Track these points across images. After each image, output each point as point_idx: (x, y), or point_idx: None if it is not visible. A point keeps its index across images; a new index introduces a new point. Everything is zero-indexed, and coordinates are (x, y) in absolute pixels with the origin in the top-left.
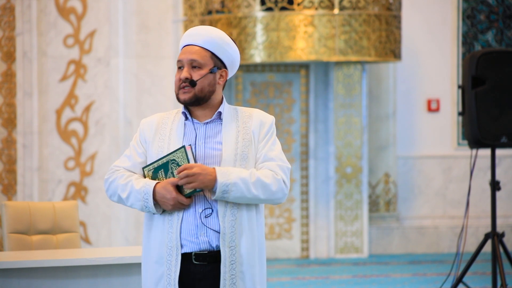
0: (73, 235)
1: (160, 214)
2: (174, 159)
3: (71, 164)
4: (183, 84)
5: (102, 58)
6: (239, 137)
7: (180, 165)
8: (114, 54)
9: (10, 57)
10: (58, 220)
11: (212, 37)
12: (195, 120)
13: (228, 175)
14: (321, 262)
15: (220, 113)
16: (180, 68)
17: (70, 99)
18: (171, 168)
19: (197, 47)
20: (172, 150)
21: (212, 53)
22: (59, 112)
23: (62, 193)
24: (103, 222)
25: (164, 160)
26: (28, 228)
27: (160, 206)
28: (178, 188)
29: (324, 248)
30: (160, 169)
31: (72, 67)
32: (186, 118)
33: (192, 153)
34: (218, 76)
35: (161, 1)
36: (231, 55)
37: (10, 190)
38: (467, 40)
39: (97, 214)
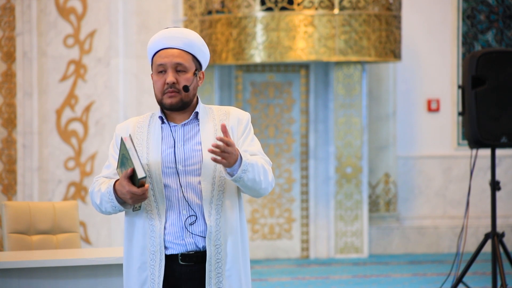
0: (73, 235)
1: (133, 210)
2: (123, 154)
3: (71, 164)
4: (169, 89)
5: (102, 58)
6: (218, 135)
7: (128, 158)
8: (114, 54)
9: (10, 57)
10: (58, 220)
11: (192, 40)
12: (171, 123)
13: (246, 155)
14: (321, 262)
15: (197, 113)
16: (161, 72)
17: (70, 99)
18: (125, 163)
19: (178, 50)
20: (119, 147)
21: (193, 56)
22: (59, 112)
23: (62, 193)
24: (103, 222)
25: (120, 157)
26: (28, 228)
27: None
28: (132, 180)
29: (324, 248)
30: (122, 166)
31: (72, 67)
32: (163, 122)
33: (132, 142)
34: (198, 78)
35: (161, 1)
36: (206, 55)
37: (10, 190)
38: (467, 40)
39: (97, 214)
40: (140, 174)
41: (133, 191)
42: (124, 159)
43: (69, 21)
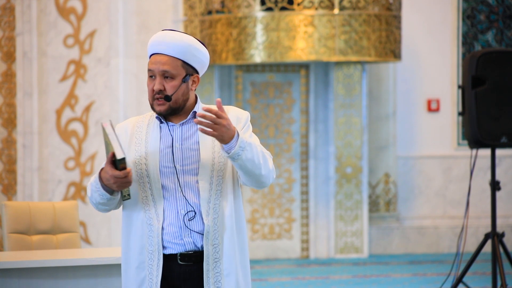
0: (73, 235)
1: (123, 200)
2: (106, 141)
3: (71, 164)
4: (157, 95)
5: (102, 58)
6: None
7: (109, 143)
8: (114, 54)
9: (10, 57)
10: (58, 220)
11: (181, 45)
12: (170, 123)
13: (245, 135)
14: (321, 262)
15: (195, 113)
16: (151, 77)
17: (70, 99)
18: (108, 150)
19: (167, 57)
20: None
21: (183, 61)
22: (59, 112)
23: (62, 193)
24: (103, 222)
25: (105, 146)
26: (28, 228)
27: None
28: (115, 165)
29: (324, 248)
30: (107, 155)
31: (72, 67)
32: (161, 122)
33: (112, 126)
34: (190, 83)
35: (161, 1)
36: (201, 59)
37: (10, 190)
38: (467, 40)
39: (97, 214)
40: (119, 155)
41: (115, 175)
42: (107, 146)
43: (69, 21)
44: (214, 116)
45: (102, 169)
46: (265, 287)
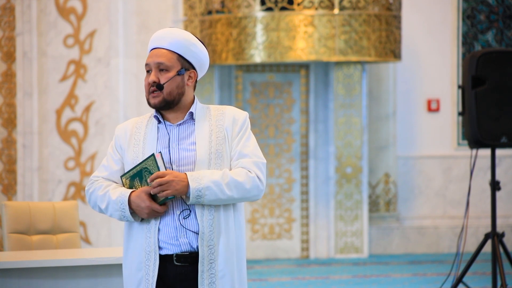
0: (73, 235)
1: (139, 222)
2: (146, 167)
3: (71, 164)
4: (152, 88)
5: (102, 58)
6: (213, 136)
7: (152, 173)
8: (114, 54)
9: (10, 57)
10: (58, 220)
11: (178, 39)
12: (167, 123)
13: (200, 179)
14: (321, 262)
15: (192, 113)
16: (148, 72)
17: (70, 99)
18: (145, 176)
19: (164, 50)
20: (144, 158)
21: (179, 55)
22: (59, 112)
23: (62, 193)
24: (103, 222)
25: (138, 168)
26: (28, 228)
27: (137, 214)
28: (152, 196)
29: (324, 248)
30: (135, 177)
31: (72, 67)
32: (159, 122)
33: (163, 159)
34: (186, 77)
35: (161, 1)
36: (198, 56)
37: (10, 190)
38: (467, 40)
39: (97, 214)
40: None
41: (155, 208)
42: (145, 172)
43: (69, 21)
44: (157, 180)
45: (132, 192)
46: (265, 287)
